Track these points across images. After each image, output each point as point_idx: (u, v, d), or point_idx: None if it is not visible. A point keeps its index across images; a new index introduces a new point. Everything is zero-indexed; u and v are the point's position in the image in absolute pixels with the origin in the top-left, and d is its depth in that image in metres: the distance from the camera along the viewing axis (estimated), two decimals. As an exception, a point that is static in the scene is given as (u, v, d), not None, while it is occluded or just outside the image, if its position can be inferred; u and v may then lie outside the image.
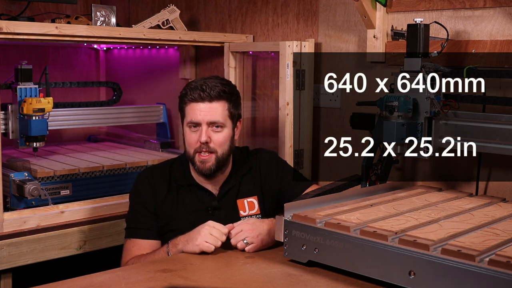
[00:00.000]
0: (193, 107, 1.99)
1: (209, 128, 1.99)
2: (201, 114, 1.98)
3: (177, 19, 2.88)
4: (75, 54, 3.55)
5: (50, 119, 2.50)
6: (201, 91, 1.98)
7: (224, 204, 2.07)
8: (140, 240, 2.01)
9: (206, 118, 1.98)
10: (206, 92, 1.97)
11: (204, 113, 1.98)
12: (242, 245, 1.85)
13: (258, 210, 2.09)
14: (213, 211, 2.05)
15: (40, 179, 2.43)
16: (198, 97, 1.98)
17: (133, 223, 2.05)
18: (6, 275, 2.20)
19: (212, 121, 1.99)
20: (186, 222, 2.00)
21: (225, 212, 2.06)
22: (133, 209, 2.08)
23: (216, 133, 2.00)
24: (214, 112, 1.99)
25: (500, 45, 2.07)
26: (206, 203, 2.06)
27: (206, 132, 1.98)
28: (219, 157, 2.01)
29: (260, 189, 2.12)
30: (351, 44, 2.54)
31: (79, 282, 1.62)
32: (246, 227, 1.86)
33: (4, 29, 2.12)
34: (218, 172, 2.05)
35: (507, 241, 1.50)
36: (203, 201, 2.06)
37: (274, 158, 2.23)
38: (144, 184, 2.07)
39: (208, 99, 1.98)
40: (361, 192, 2.02)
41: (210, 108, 1.98)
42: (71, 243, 2.31)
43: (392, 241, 1.51)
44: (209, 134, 1.99)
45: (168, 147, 3.15)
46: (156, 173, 2.11)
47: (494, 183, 2.15)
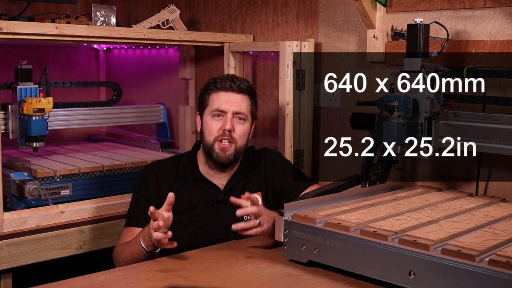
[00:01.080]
0: (220, 96, 2.07)
1: (234, 118, 2.07)
2: (228, 103, 2.06)
3: (177, 19, 2.88)
4: (75, 54, 3.55)
5: (50, 119, 2.50)
6: (232, 82, 2.08)
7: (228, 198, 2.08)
8: (137, 229, 2.02)
9: (233, 107, 2.06)
10: (237, 83, 2.08)
11: (231, 102, 2.07)
12: (255, 223, 1.83)
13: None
14: (218, 204, 2.08)
15: (40, 179, 2.43)
16: (229, 86, 2.07)
17: (133, 213, 2.08)
18: (6, 275, 2.20)
19: (239, 111, 2.07)
20: (190, 214, 2.05)
21: (229, 206, 2.07)
22: (135, 199, 2.11)
23: (239, 124, 2.08)
24: (241, 104, 2.08)
25: (500, 45, 2.07)
26: (212, 196, 2.09)
27: (231, 121, 2.05)
28: (237, 149, 2.07)
29: (264, 186, 2.16)
30: (351, 44, 2.54)
31: (79, 282, 1.62)
32: (264, 211, 1.87)
33: (4, 29, 2.12)
34: (232, 164, 2.10)
35: (507, 241, 1.50)
36: (209, 194, 2.09)
37: (278, 158, 2.26)
38: (150, 176, 2.11)
39: (237, 90, 2.08)
40: (361, 192, 2.02)
41: (238, 99, 2.08)
42: (71, 243, 2.31)
43: (392, 241, 1.51)
44: (233, 123, 2.06)
45: (168, 147, 3.15)
46: (163, 166, 2.16)
47: (494, 183, 2.15)
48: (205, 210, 2.07)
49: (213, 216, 2.08)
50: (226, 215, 2.06)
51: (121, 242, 2.05)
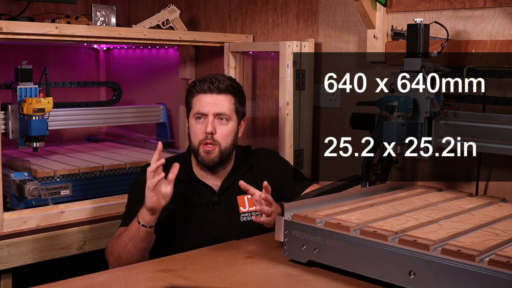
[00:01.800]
0: (200, 99, 2.05)
1: (216, 120, 2.04)
2: (208, 105, 2.04)
3: (177, 19, 2.88)
4: (75, 54, 3.55)
5: (50, 119, 2.50)
6: (210, 83, 2.05)
7: (224, 199, 2.09)
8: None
9: (213, 109, 2.04)
10: (215, 84, 2.04)
11: (212, 104, 2.04)
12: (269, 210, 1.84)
13: None
14: (213, 206, 2.08)
15: (40, 179, 2.42)
16: (207, 88, 2.05)
17: (129, 214, 2.06)
18: (6, 275, 2.20)
19: (219, 112, 2.04)
20: (186, 216, 2.05)
21: (225, 207, 2.08)
22: (130, 200, 2.11)
23: (222, 125, 2.05)
24: (221, 104, 2.05)
25: (500, 45, 2.07)
26: (206, 198, 2.09)
27: (212, 123, 2.03)
28: (222, 150, 2.05)
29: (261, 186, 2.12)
30: (351, 44, 2.54)
31: (79, 282, 1.62)
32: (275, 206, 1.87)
33: (4, 29, 2.12)
34: (220, 166, 2.09)
35: (507, 241, 1.50)
36: (203, 196, 2.09)
37: (276, 158, 2.25)
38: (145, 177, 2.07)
39: (216, 91, 2.05)
40: (361, 192, 2.02)
41: (218, 100, 2.05)
42: (71, 243, 2.31)
43: (392, 241, 1.51)
44: (215, 125, 2.04)
45: (168, 147, 3.15)
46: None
47: (494, 183, 2.15)
48: (201, 212, 2.07)
49: (209, 218, 2.07)
50: (222, 216, 2.06)
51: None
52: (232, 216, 2.06)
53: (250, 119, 2.92)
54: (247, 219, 2.08)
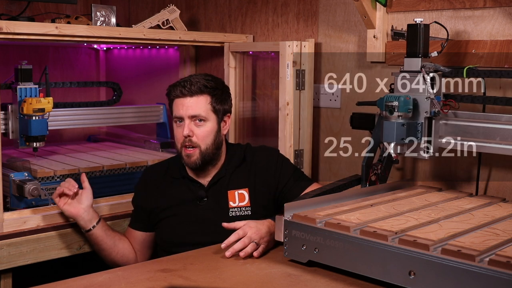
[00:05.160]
0: (177, 103, 2.09)
1: (192, 122, 2.07)
2: (183, 109, 2.07)
3: (177, 19, 2.87)
4: (75, 54, 3.55)
5: (50, 119, 2.50)
6: (182, 87, 2.07)
7: (212, 194, 2.13)
8: (132, 230, 2.24)
9: (188, 112, 2.06)
10: (187, 87, 2.07)
11: (186, 107, 2.07)
12: (253, 248, 1.82)
13: (248, 202, 2.13)
14: (200, 200, 2.13)
15: (40, 179, 2.42)
16: (179, 93, 2.08)
17: (132, 215, 2.28)
18: (6, 275, 2.19)
19: (193, 114, 2.06)
20: (176, 211, 2.12)
21: (212, 201, 2.13)
22: (133, 203, 2.29)
23: (199, 127, 2.08)
24: (195, 106, 2.07)
25: (500, 45, 2.07)
26: (195, 193, 2.14)
27: (188, 126, 2.07)
28: (203, 152, 2.08)
29: (253, 182, 2.15)
30: (351, 44, 2.54)
31: (79, 282, 1.62)
32: (250, 231, 1.85)
33: (4, 29, 2.11)
34: (207, 165, 2.13)
35: (507, 241, 1.50)
36: (193, 192, 2.14)
37: (275, 155, 2.25)
38: (142, 185, 2.25)
39: (189, 94, 2.07)
40: (361, 192, 2.02)
41: (191, 103, 2.07)
42: (71, 243, 2.30)
43: (392, 241, 1.51)
44: (192, 128, 2.07)
45: (168, 147, 3.14)
46: (156, 169, 2.27)
47: (494, 183, 2.15)
48: (190, 207, 2.13)
49: (198, 212, 2.12)
50: (210, 211, 2.11)
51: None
52: (220, 211, 2.10)
53: (250, 119, 2.92)
54: (236, 214, 2.10)
